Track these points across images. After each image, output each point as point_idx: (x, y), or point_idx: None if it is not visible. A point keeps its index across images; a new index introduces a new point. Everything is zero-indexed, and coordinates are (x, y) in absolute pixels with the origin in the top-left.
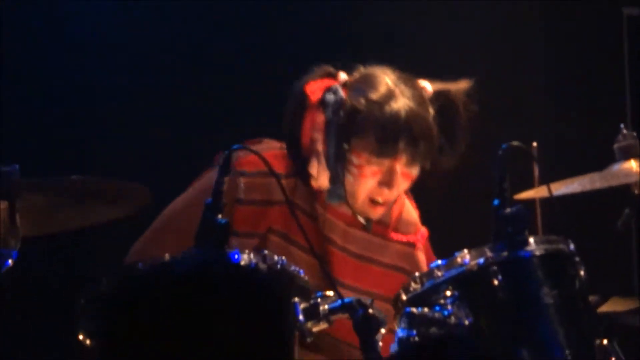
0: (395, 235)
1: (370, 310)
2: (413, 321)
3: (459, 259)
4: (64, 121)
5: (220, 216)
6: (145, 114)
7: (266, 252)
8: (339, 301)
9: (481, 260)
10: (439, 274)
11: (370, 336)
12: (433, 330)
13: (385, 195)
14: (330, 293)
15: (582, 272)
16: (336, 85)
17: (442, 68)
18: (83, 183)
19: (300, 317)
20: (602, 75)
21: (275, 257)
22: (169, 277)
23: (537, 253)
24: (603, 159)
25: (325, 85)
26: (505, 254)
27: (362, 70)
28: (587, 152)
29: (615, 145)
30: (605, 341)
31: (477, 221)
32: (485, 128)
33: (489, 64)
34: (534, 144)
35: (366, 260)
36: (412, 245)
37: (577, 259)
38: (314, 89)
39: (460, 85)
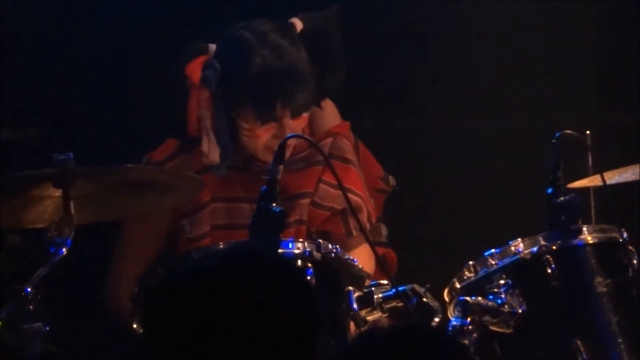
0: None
1: (424, 299)
2: (467, 309)
3: (512, 248)
4: (119, 109)
5: (274, 205)
6: None
7: (320, 240)
8: (393, 289)
9: (535, 248)
10: (493, 262)
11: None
12: (486, 318)
13: None
14: (384, 282)
15: (635, 261)
16: (211, 59)
17: (492, 58)
18: (137, 171)
19: (354, 305)
20: None
21: (330, 246)
22: (221, 267)
23: (591, 242)
24: None
25: (201, 62)
26: (558, 242)
27: (230, 33)
28: None
29: None
30: None
31: (531, 210)
32: (539, 117)
33: (541, 53)
34: (588, 132)
35: None
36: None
37: (630, 247)
38: (193, 69)
39: (329, 12)
